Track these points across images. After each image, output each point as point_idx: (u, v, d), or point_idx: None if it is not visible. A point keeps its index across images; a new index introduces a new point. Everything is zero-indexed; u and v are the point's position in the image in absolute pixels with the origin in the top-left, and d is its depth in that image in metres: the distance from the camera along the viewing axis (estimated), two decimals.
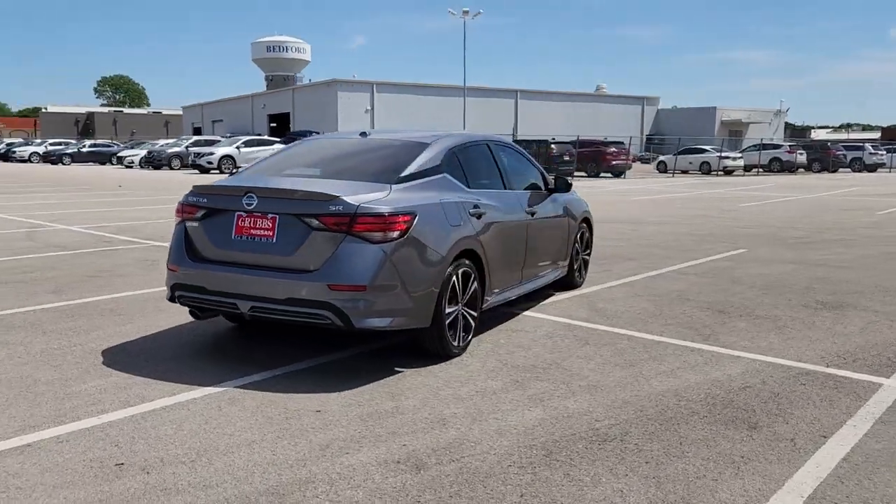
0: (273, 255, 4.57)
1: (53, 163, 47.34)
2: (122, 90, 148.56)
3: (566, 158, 33.85)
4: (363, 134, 5.79)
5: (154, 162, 40.00)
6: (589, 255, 7.92)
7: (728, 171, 39.71)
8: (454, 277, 4.97)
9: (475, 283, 5.25)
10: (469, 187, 5.47)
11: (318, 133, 26.69)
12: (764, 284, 7.97)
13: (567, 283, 7.45)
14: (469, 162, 5.67)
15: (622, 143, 38.08)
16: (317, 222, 4.46)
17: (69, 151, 48.73)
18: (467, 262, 5.14)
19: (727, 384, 4.62)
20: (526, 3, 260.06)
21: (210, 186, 4.91)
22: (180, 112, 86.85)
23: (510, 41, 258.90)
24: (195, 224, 4.88)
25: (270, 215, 4.59)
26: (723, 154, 40.53)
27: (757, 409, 4.20)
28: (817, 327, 6.12)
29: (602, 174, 36.01)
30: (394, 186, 4.79)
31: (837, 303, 7.06)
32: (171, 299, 5.02)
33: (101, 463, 3.37)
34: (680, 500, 3.11)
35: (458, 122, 50.20)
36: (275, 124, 61.69)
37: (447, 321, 4.93)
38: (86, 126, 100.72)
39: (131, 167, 42.04)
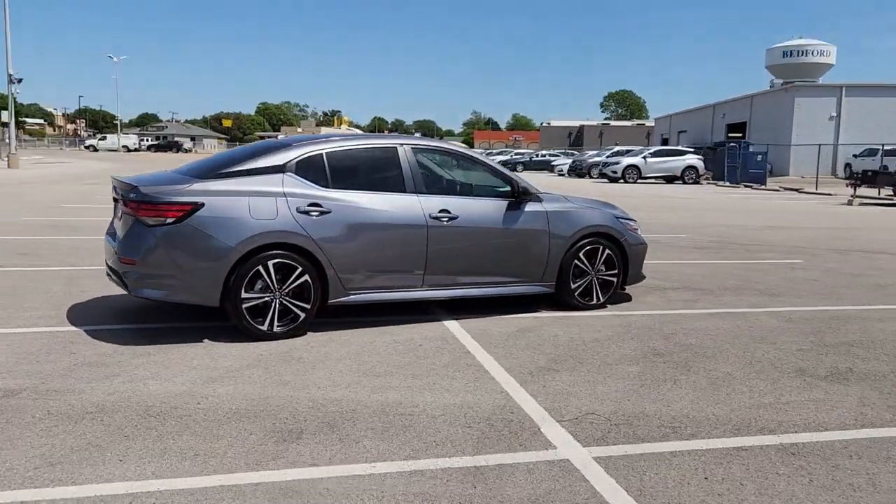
0: (118, 232, 5.73)
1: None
2: (624, 104, 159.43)
3: None
4: (284, 137, 6.44)
5: (577, 171, 42.75)
6: (616, 275, 6.83)
7: None
8: (260, 267, 5.37)
9: (306, 277, 5.51)
10: (330, 188, 5.70)
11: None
12: (855, 341, 5.84)
13: (560, 301, 6.70)
14: (343, 164, 5.84)
15: None
16: (126, 207, 5.47)
17: (522, 161, 55.12)
18: (293, 254, 5.45)
19: (371, 406, 4.13)
20: None
21: (113, 178, 6.27)
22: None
23: None
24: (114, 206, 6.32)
25: (123, 200, 5.75)
26: None
27: (355, 429, 3.78)
28: (733, 391, 4.61)
29: None
30: (199, 181, 5.44)
31: (883, 373, 4.93)
32: None
33: None
34: None
35: None
36: (740, 134, 58.84)
37: (247, 305, 5.37)
38: (577, 138, 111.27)
39: (562, 175, 45.56)
